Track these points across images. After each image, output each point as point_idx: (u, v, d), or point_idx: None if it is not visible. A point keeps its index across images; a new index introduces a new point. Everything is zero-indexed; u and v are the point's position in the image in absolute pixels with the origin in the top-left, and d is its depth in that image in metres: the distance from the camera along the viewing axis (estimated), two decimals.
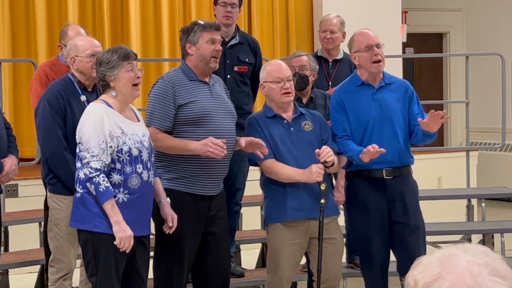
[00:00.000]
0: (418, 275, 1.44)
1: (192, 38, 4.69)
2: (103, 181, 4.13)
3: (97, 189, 4.13)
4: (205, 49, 4.66)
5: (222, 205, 4.83)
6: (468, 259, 1.42)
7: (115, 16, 8.65)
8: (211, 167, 4.63)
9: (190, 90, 4.64)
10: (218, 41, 4.71)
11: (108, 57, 4.28)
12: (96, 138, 4.15)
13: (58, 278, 4.85)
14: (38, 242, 6.26)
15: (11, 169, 4.78)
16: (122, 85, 4.29)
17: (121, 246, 4.17)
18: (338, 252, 4.85)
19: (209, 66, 4.69)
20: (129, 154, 4.24)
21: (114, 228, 4.16)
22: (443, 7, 12.28)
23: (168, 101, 4.59)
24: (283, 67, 4.86)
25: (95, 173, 4.13)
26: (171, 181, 4.62)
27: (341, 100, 4.92)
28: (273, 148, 4.76)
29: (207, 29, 4.67)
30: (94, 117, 4.21)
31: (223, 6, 5.71)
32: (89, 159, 4.14)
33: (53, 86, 4.87)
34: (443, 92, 12.44)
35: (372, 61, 4.84)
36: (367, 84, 4.91)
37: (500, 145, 8.35)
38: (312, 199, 4.73)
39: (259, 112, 5.01)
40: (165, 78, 4.70)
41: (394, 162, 4.86)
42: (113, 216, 4.16)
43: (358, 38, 4.91)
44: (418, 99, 5.01)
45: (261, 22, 9.42)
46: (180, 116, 4.60)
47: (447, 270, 1.41)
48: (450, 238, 6.94)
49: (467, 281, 1.39)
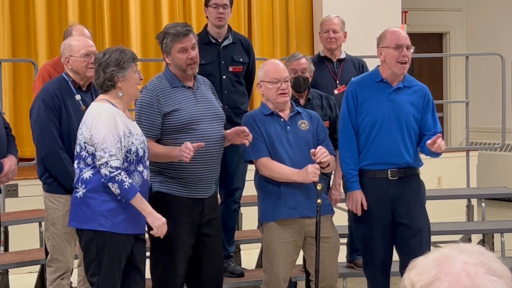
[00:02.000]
0: (415, 277, 1.44)
1: (165, 49, 4.68)
2: (126, 178, 4.16)
3: (121, 187, 4.15)
4: (178, 59, 4.64)
5: (215, 206, 4.84)
6: (463, 259, 1.42)
7: (115, 16, 8.65)
8: (202, 170, 4.63)
9: (174, 97, 4.63)
10: (191, 47, 4.64)
11: (119, 58, 4.27)
12: (112, 138, 4.17)
13: (56, 278, 4.86)
14: (38, 242, 6.26)
15: (10, 169, 4.79)
16: (130, 86, 4.30)
17: (158, 234, 4.26)
18: (334, 251, 4.86)
19: (187, 74, 4.67)
20: (136, 154, 4.28)
21: (149, 219, 4.25)
22: (443, 7, 12.28)
23: (153, 110, 4.58)
24: (281, 68, 4.86)
25: (116, 171, 4.14)
26: (162, 184, 4.63)
27: (355, 92, 4.90)
28: (269, 146, 4.77)
29: (176, 39, 4.62)
30: (108, 116, 4.21)
31: (214, 8, 5.70)
32: (107, 159, 4.15)
33: (47, 86, 4.88)
34: (443, 92, 12.44)
35: (398, 61, 4.82)
36: (386, 82, 4.89)
37: (500, 145, 8.36)
38: (306, 198, 4.75)
39: (256, 110, 5.02)
40: (148, 87, 4.67)
41: (400, 164, 4.85)
42: (145, 209, 4.23)
43: (390, 35, 4.88)
44: (434, 108, 4.97)
45: (261, 22, 9.42)
46: (167, 125, 4.60)
47: (444, 271, 1.41)
48: (450, 238, 6.94)
49: (464, 281, 1.39)
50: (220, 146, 4.72)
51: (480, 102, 11.10)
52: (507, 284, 1.40)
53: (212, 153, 4.65)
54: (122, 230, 4.26)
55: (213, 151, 4.65)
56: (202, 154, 4.58)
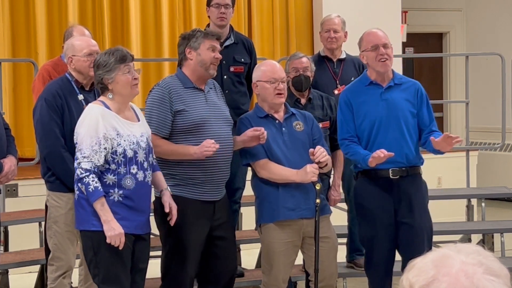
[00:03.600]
0: (413, 278, 1.44)
1: (193, 44, 4.74)
2: (92, 181, 4.19)
3: (87, 189, 4.20)
4: (206, 54, 4.72)
5: (226, 209, 4.90)
6: (461, 260, 1.42)
7: (115, 16, 8.65)
8: (213, 173, 4.69)
9: (185, 97, 4.69)
10: (218, 50, 4.79)
11: (105, 60, 4.31)
12: (89, 140, 4.22)
13: (58, 276, 4.86)
14: (38, 242, 6.26)
15: (10, 169, 4.81)
16: (120, 87, 4.33)
17: (113, 243, 4.22)
18: (332, 250, 4.86)
19: (208, 72, 4.74)
20: (124, 156, 4.29)
21: (104, 227, 4.22)
22: (443, 7, 12.28)
23: (165, 107, 4.64)
24: (278, 68, 4.88)
25: (85, 173, 4.20)
26: (174, 188, 4.65)
27: (349, 100, 4.93)
28: (266, 148, 4.78)
29: (209, 37, 4.75)
30: (90, 118, 4.26)
31: (216, 7, 5.71)
32: (80, 160, 4.23)
33: (50, 86, 4.89)
34: (443, 92, 12.45)
35: (378, 60, 4.85)
36: (376, 83, 4.92)
37: (500, 145, 8.36)
38: (304, 199, 4.75)
39: (250, 112, 5.04)
40: (161, 84, 4.75)
41: (401, 163, 4.86)
42: (102, 216, 4.22)
43: (366, 37, 4.94)
44: (429, 102, 5.00)
45: (261, 22, 9.42)
46: (176, 124, 4.65)
47: (442, 271, 1.41)
48: (450, 238, 6.94)
49: (462, 281, 1.39)
50: (230, 149, 4.76)
51: (480, 102, 11.10)
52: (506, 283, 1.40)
53: (222, 156, 4.69)
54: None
55: (223, 153, 4.68)
56: (213, 157, 4.62)
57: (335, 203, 5.54)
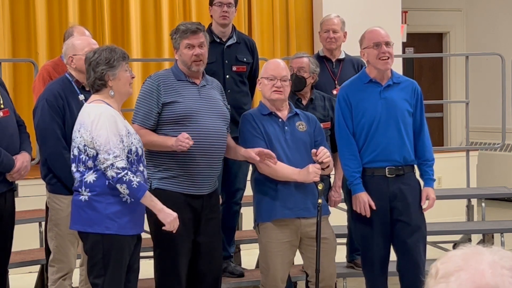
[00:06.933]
0: (441, 265, 1.45)
1: (175, 44, 4.78)
2: (133, 178, 4.13)
3: (130, 186, 4.12)
4: (185, 55, 4.72)
5: (215, 205, 4.84)
6: (493, 259, 1.43)
7: (115, 16, 8.65)
8: (201, 166, 4.63)
9: (176, 89, 4.68)
10: (198, 44, 4.72)
11: (108, 56, 4.26)
12: (115, 138, 4.14)
13: (58, 278, 4.86)
14: (38, 242, 6.25)
15: (22, 165, 4.77)
16: (121, 84, 4.28)
17: (171, 229, 4.25)
18: (331, 251, 4.86)
19: (191, 70, 4.73)
20: (136, 154, 4.27)
21: (160, 215, 4.23)
22: (443, 7, 12.27)
23: (152, 99, 4.63)
24: (281, 66, 4.88)
25: (123, 172, 4.12)
26: (161, 181, 4.63)
27: (347, 97, 4.93)
28: (268, 145, 4.77)
29: (184, 35, 4.72)
30: (107, 117, 4.17)
31: (219, 6, 5.70)
32: (112, 160, 4.11)
33: (51, 86, 4.88)
34: (443, 92, 12.44)
35: (379, 58, 4.86)
36: (375, 81, 4.93)
37: (500, 145, 8.35)
38: (302, 198, 4.75)
39: (254, 110, 5.03)
40: (152, 77, 4.76)
41: (398, 161, 4.87)
42: (155, 206, 4.23)
43: (368, 35, 4.94)
44: (423, 106, 5.01)
45: (261, 22, 9.42)
46: (164, 115, 4.63)
47: (469, 264, 1.42)
48: (450, 238, 6.94)
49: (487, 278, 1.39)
50: (222, 144, 4.72)
51: (480, 102, 11.10)
52: None
53: (212, 149, 4.65)
54: (128, 232, 4.24)
55: (213, 146, 4.65)
56: (202, 149, 4.60)
57: (335, 204, 5.54)
